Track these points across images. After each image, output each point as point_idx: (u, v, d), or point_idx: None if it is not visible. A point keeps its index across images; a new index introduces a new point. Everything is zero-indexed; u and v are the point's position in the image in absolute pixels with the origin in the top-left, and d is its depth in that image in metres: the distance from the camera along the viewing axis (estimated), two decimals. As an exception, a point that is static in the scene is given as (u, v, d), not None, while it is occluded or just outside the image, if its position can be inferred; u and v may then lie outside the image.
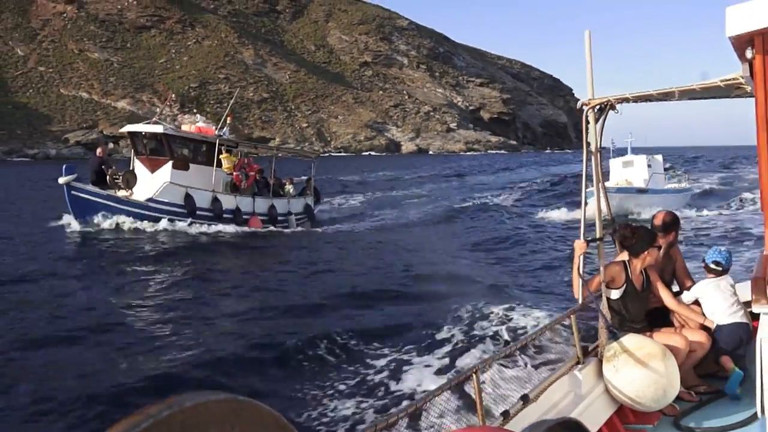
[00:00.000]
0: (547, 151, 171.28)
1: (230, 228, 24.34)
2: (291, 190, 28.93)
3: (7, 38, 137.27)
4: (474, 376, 3.55)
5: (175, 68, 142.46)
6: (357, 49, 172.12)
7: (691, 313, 5.26)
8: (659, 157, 32.01)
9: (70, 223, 22.54)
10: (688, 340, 5.02)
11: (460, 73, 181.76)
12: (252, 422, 1.17)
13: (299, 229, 26.58)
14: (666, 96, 4.81)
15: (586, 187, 5.27)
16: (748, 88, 4.36)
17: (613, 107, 5.09)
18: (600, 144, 5.20)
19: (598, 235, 5.16)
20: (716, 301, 5.30)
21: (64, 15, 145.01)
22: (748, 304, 5.31)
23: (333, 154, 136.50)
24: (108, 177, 23.82)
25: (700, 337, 5.12)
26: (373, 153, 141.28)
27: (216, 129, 26.26)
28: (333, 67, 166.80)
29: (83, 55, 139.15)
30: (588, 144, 5.15)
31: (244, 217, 25.27)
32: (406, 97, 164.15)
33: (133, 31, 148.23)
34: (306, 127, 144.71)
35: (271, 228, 25.60)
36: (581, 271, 4.90)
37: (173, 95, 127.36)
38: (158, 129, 24.17)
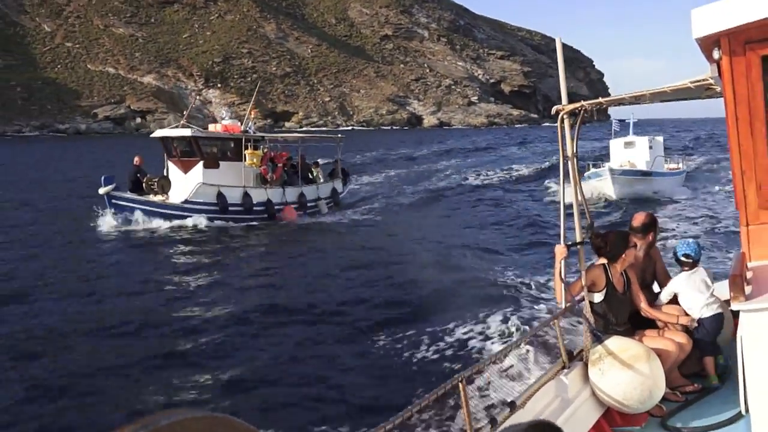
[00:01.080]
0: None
1: (264, 224, 25.29)
2: (319, 175, 29.70)
3: (33, 14, 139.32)
4: (460, 384, 3.53)
5: (198, 43, 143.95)
6: (377, 22, 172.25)
7: (668, 317, 5.30)
8: (660, 139, 31.58)
9: (112, 225, 23.37)
10: (671, 341, 5.07)
11: (480, 45, 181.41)
12: None
13: (327, 218, 27.34)
14: (638, 99, 4.90)
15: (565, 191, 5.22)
16: (718, 89, 4.43)
17: (587, 112, 5.11)
18: (576, 149, 5.16)
19: (577, 240, 5.16)
20: (692, 295, 5.38)
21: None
22: (729, 301, 5.82)
23: (356, 128, 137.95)
24: (144, 184, 24.87)
25: (682, 338, 5.15)
26: (395, 127, 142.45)
27: (241, 125, 27.32)
28: (354, 40, 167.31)
29: (108, 31, 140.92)
30: (564, 149, 5.07)
31: (276, 207, 26.22)
32: (427, 70, 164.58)
33: (157, 6, 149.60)
34: (328, 101, 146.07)
35: (305, 218, 26.58)
36: (563, 276, 4.91)
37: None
38: (187, 132, 25.16)
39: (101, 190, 23.12)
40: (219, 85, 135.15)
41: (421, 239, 20.84)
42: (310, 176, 29.26)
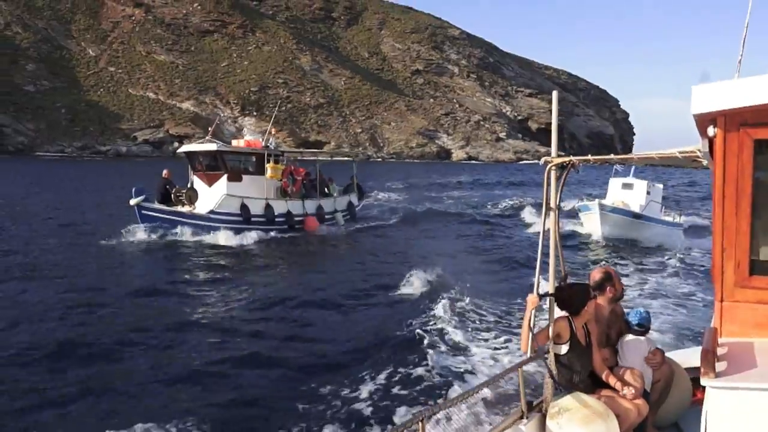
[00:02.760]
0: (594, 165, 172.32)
1: (284, 233, 26.59)
2: (334, 189, 31.11)
3: (79, 39, 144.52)
4: (420, 423, 3.56)
5: (236, 72, 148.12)
6: (409, 57, 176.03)
7: (615, 384, 5.25)
8: (660, 186, 30.98)
9: (141, 238, 23.95)
10: (631, 402, 5.09)
11: (509, 83, 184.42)
12: None
13: (343, 228, 29.04)
14: (625, 161, 5.58)
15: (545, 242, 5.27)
16: (704, 162, 4.50)
17: (574, 166, 5.16)
18: (558, 202, 5.23)
19: (550, 291, 5.17)
20: (640, 362, 5.51)
21: (133, 18, 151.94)
22: (691, 370, 5.74)
23: (386, 159, 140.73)
24: (172, 195, 25.89)
25: (640, 401, 5.17)
26: (424, 160, 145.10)
27: (262, 141, 28.61)
28: (386, 74, 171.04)
29: (150, 57, 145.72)
30: (548, 201, 5.16)
31: (296, 218, 27.50)
32: (457, 105, 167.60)
33: (197, 35, 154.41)
34: (360, 132, 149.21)
35: (323, 229, 28.15)
36: (532, 325, 4.93)
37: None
38: (212, 147, 26.12)
39: (132, 201, 24.01)
40: (255, 114, 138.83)
41: (425, 256, 21.09)
42: (327, 191, 30.67)
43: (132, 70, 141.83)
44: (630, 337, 5.65)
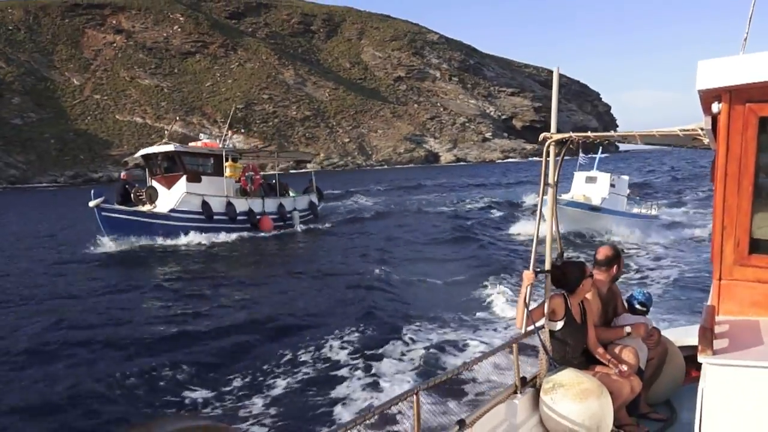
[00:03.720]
0: (580, 155, 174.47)
1: (245, 234, 26.67)
2: (292, 191, 31.80)
3: (63, 69, 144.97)
4: (415, 397, 3.57)
5: (221, 91, 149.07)
6: (390, 64, 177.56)
7: (609, 362, 5.24)
8: (625, 178, 30.68)
9: (104, 241, 24.00)
10: (625, 379, 5.09)
11: (490, 83, 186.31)
12: None
13: (302, 227, 28.93)
14: (626, 138, 4.96)
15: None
16: (705, 141, 4.46)
17: (573, 143, 5.15)
18: (558, 178, 5.25)
19: (547, 267, 5.20)
20: (639, 343, 5.51)
21: (114, 44, 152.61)
22: (685, 348, 5.81)
23: (375, 167, 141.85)
24: (132, 195, 25.58)
25: (634, 378, 5.18)
26: (413, 165, 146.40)
27: (219, 143, 28.99)
28: (369, 83, 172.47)
29: (135, 82, 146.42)
30: (546, 177, 5.13)
31: (257, 217, 27.64)
32: (441, 109, 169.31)
33: (179, 57, 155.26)
34: (348, 142, 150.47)
35: (284, 231, 28.14)
36: (527, 302, 4.90)
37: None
38: (170, 148, 26.26)
39: (91, 203, 23.59)
40: (242, 131, 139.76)
41: (391, 252, 21.88)
42: (285, 192, 31.31)
43: (117, 96, 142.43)
44: (627, 315, 5.71)
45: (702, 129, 4.32)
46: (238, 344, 11.82)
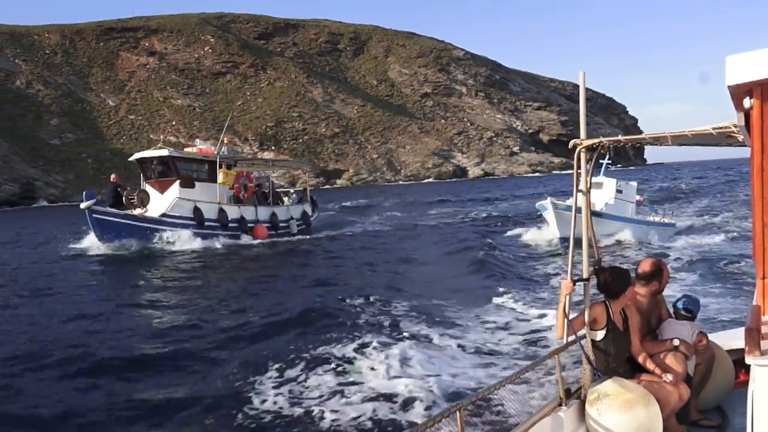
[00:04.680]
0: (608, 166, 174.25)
1: (237, 240, 26.21)
2: (288, 201, 31.51)
3: (98, 91, 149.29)
4: (458, 413, 3.48)
5: (251, 109, 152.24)
6: (417, 81, 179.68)
7: (655, 370, 5.06)
8: (633, 184, 29.82)
9: (94, 244, 23.82)
10: (672, 387, 4.92)
11: (516, 98, 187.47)
12: None
13: (298, 237, 28.29)
14: (657, 140, 4.77)
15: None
16: (740, 137, 4.32)
17: (604, 148, 5.03)
18: (590, 184, 5.17)
19: (585, 276, 5.09)
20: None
21: (148, 66, 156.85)
22: (733, 352, 5.57)
23: (403, 182, 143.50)
24: (124, 198, 25.23)
25: (682, 385, 5.00)
26: (441, 179, 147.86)
27: (215, 149, 28.53)
28: (395, 99, 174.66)
29: (168, 102, 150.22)
30: (578, 183, 5.08)
31: (249, 225, 27.16)
32: (468, 124, 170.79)
33: (211, 78, 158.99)
34: (376, 157, 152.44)
35: (275, 239, 27.62)
36: (567, 311, 4.81)
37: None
38: (164, 153, 25.91)
39: (82, 205, 23.14)
40: (273, 148, 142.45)
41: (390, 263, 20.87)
42: (280, 201, 30.89)
43: (151, 117, 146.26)
44: (672, 321, 5.59)
45: (735, 126, 4.12)
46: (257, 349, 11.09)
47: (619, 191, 28.46)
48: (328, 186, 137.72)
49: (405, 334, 11.74)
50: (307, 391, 9.09)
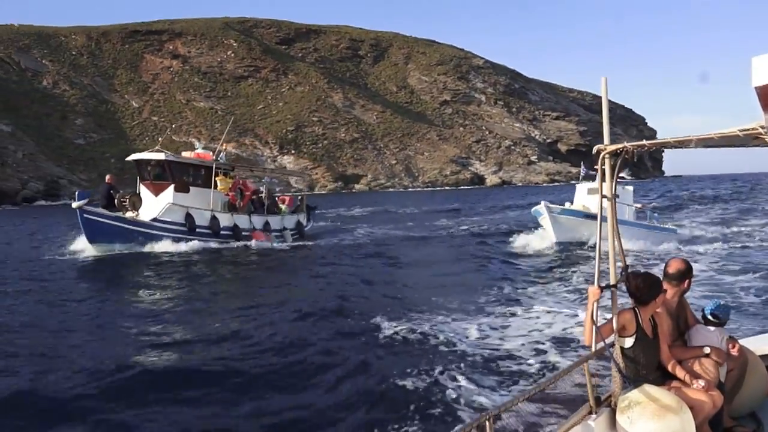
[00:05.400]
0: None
1: (230, 243, 25.88)
2: (285, 209, 30.91)
3: (123, 92, 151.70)
4: (487, 423, 3.40)
5: (272, 113, 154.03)
6: (436, 88, 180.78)
7: (685, 377, 5.00)
8: (630, 188, 29.77)
9: (83, 245, 23.53)
10: (705, 393, 4.84)
11: (535, 107, 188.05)
12: None
13: (278, 245, 27.50)
14: (682, 143, 4.67)
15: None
16: (767, 138, 4.21)
17: (628, 153, 4.97)
18: (614, 190, 5.13)
19: (612, 282, 4.99)
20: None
21: (171, 69, 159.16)
22: (765, 357, 5.48)
23: (421, 188, 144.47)
24: (116, 200, 24.76)
25: (714, 392, 4.91)
26: (459, 187, 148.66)
27: (213, 155, 28.03)
28: (415, 106, 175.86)
29: (190, 105, 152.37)
30: (602, 191, 5.02)
31: (243, 233, 26.73)
32: (487, 132, 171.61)
33: (233, 81, 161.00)
34: (395, 163, 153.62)
35: (271, 245, 27.05)
36: (595, 318, 4.74)
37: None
38: (161, 156, 25.55)
39: (74, 204, 22.90)
40: (293, 152, 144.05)
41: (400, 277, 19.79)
42: (276, 210, 30.25)
43: (174, 118, 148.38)
44: (700, 327, 5.50)
45: (762, 127, 3.96)
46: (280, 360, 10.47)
47: (615, 195, 27.68)
48: (345, 191, 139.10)
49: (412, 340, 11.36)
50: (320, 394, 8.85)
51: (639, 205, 29.82)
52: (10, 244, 31.34)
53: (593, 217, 26.20)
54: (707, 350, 5.19)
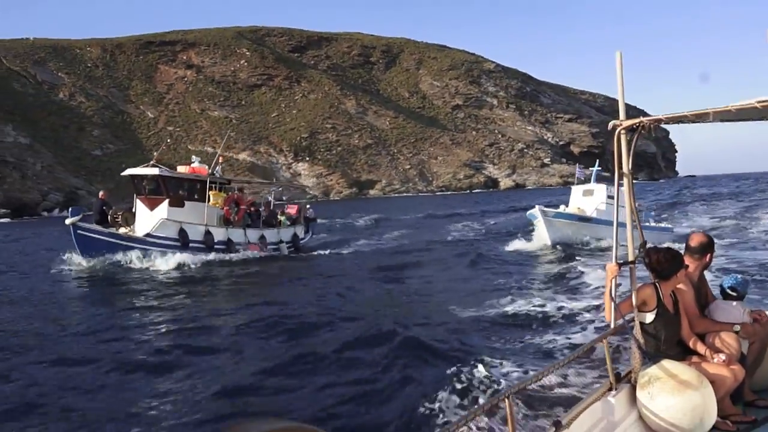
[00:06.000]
0: (637, 180, 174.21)
1: (222, 256, 25.77)
2: (284, 221, 30.92)
3: (138, 103, 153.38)
4: (507, 400, 3.38)
5: (286, 121, 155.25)
6: (448, 93, 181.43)
7: (704, 351, 5.00)
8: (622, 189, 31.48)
9: (76, 261, 23.38)
10: (725, 367, 4.83)
11: (547, 110, 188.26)
12: None
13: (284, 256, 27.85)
14: (700, 117, 4.54)
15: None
16: None
17: (645, 128, 4.90)
18: (631, 166, 5.00)
19: (630, 258, 4.96)
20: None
21: (185, 79, 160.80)
22: None
23: (436, 192, 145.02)
24: (109, 217, 25.11)
25: (735, 366, 4.90)
26: (473, 190, 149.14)
27: (209, 169, 27.83)
28: (427, 111, 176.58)
29: (205, 114, 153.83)
30: (620, 166, 4.92)
31: (237, 247, 26.81)
32: (499, 136, 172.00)
33: (246, 90, 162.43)
34: (409, 168, 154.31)
35: (264, 254, 27.39)
36: (614, 295, 4.73)
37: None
38: (155, 171, 25.55)
39: (67, 221, 23.02)
40: (307, 159, 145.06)
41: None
42: (274, 222, 30.21)
43: (189, 128, 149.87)
44: (719, 301, 5.50)
45: None
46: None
47: (610, 197, 28.36)
48: (361, 196, 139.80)
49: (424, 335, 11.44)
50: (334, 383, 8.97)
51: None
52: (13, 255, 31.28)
53: (587, 219, 27.18)
54: (737, 328, 5.22)
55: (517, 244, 27.46)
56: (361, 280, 20.17)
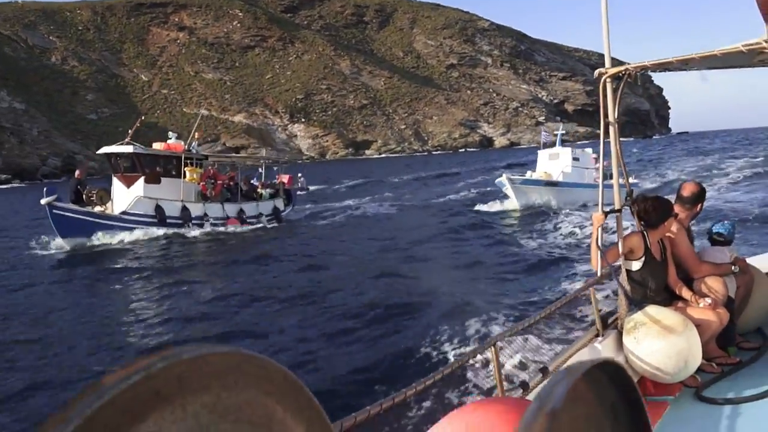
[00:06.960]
0: (631, 138, 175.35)
1: (199, 230, 26.08)
2: (264, 194, 31.02)
3: (131, 66, 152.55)
4: (493, 347, 3.38)
5: (280, 82, 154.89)
6: (443, 52, 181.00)
7: (690, 297, 5.03)
8: (589, 151, 30.59)
9: (53, 240, 23.40)
10: (710, 311, 4.85)
11: (541, 68, 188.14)
12: (258, 377, 0.91)
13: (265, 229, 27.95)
14: (685, 63, 4.33)
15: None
16: None
17: (630, 76, 4.74)
18: (617, 114, 4.85)
19: (616, 207, 4.93)
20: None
21: (178, 41, 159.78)
22: None
23: (432, 152, 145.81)
24: (84, 195, 24.82)
25: (721, 309, 4.92)
26: (468, 149, 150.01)
27: (185, 145, 27.86)
28: (421, 71, 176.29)
29: (199, 76, 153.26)
30: (606, 115, 4.77)
31: (214, 221, 26.97)
32: (494, 94, 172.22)
33: (240, 51, 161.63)
34: (404, 128, 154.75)
35: (243, 228, 27.34)
36: (599, 243, 4.69)
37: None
38: (129, 149, 25.35)
39: (42, 201, 22.97)
40: (303, 120, 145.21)
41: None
42: (255, 195, 30.38)
43: (184, 90, 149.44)
44: (708, 247, 5.58)
45: (766, 41, 3.75)
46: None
47: (575, 159, 29.26)
48: (358, 156, 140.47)
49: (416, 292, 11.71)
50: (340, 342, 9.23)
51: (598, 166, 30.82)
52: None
53: (553, 184, 27.72)
54: (736, 269, 5.30)
55: (497, 205, 28.07)
56: (343, 249, 20.08)
